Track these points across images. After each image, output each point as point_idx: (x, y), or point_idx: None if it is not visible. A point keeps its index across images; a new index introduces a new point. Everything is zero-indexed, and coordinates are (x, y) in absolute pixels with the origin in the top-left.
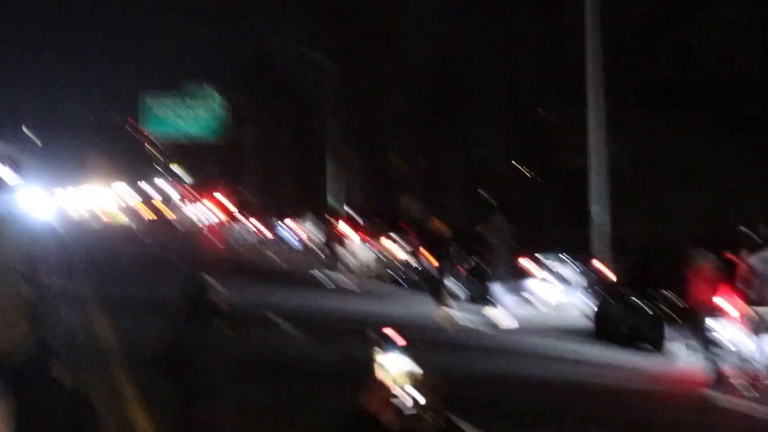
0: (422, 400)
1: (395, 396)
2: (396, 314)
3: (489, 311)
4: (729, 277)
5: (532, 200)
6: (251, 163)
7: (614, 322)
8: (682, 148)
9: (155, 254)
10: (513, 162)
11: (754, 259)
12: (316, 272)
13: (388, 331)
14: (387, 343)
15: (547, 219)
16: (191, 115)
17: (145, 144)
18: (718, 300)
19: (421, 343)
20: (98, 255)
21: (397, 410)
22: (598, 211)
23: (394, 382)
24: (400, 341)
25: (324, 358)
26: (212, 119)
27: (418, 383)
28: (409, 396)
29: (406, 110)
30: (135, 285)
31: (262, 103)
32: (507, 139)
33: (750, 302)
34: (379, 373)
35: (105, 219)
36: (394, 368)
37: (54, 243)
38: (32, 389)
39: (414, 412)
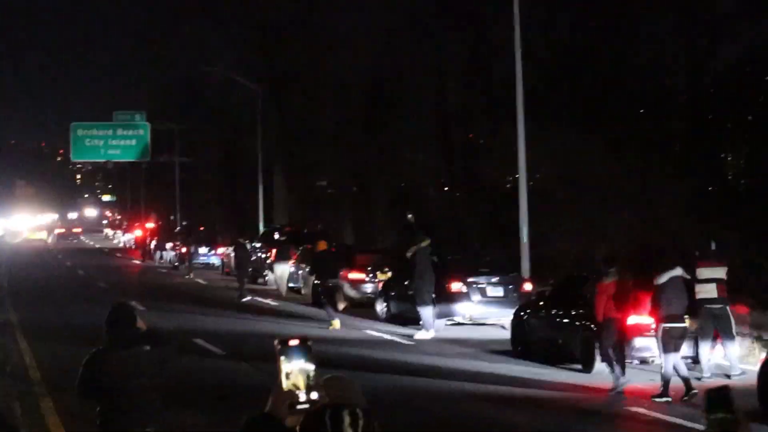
0: (314, 395)
1: (293, 395)
2: (314, 333)
3: (417, 333)
4: (643, 294)
5: (461, 219)
6: (181, 188)
7: (532, 339)
8: (609, 167)
9: (79, 278)
10: (442, 182)
11: (664, 278)
12: (245, 296)
13: (286, 337)
14: (285, 348)
15: (477, 238)
16: (122, 144)
17: (77, 174)
18: (633, 317)
19: (313, 341)
20: (22, 280)
21: (293, 407)
22: (526, 230)
23: (290, 381)
24: (294, 342)
25: (251, 381)
26: (142, 146)
27: (310, 379)
28: (303, 393)
29: (336, 131)
30: (60, 310)
31: (192, 128)
32: (436, 159)
33: (662, 319)
34: (279, 377)
35: (30, 242)
36: (289, 368)
37: None
38: None
39: (307, 406)
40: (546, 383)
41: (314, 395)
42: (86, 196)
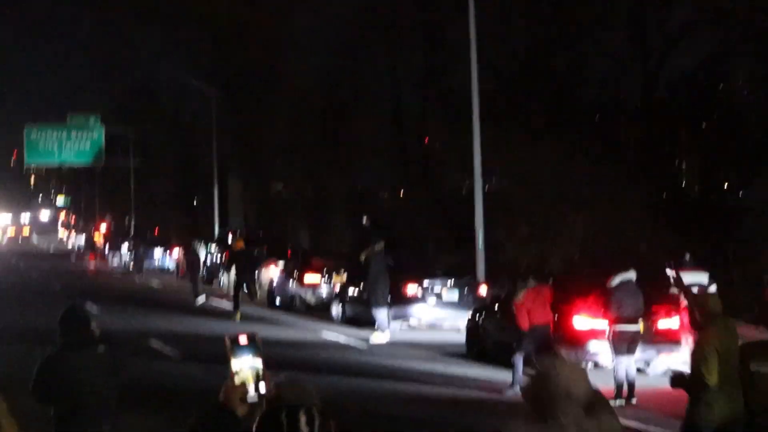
0: (263, 389)
1: (243, 388)
2: (271, 335)
3: (372, 334)
4: (589, 298)
5: (417, 224)
6: (136, 192)
7: (487, 342)
8: (564, 173)
9: (32, 280)
10: (398, 186)
11: (616, 280)
12: (199, 298)
13: (235, 335)
14: (235, 345)
15: (433, 242)
16: (76, 147)
17: (31, 176)
18: (584, 320)
19: (261, 339)
20: None
21: (244, 400)
22: (481, 235)
23: (239, 376)
24: (243, 340)
25: (205, 384)
26: (96, 150)
27: (259, 373)
28: (252, 386)
29: (292, 136)
30: (13, 311)
31: (147, 131)
32: (392, 165)
33: (613, 321)
34: (231, 372)
35: None
36: (239, 365)
37: None
38: None
39: (256, 400)
40: (499, 385)
41: (262, 388)
42: (40, 200)
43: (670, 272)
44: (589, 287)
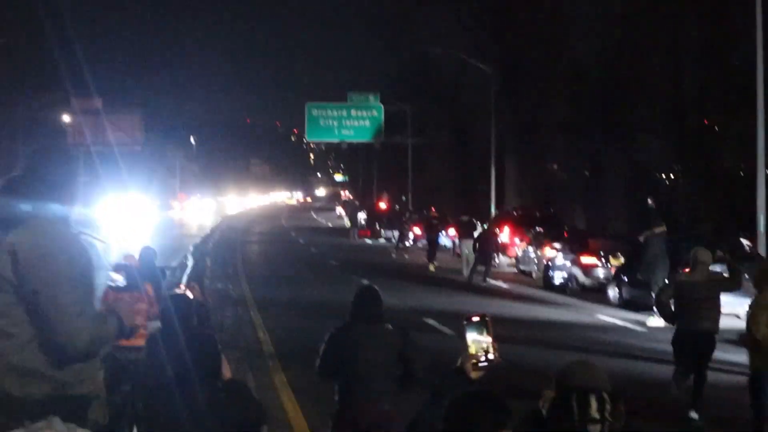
0: (491, 356)
1: (476, 357)
2: (547, 317)
3: (650, 318)
4: None
5: (696, 207)
6: (413, 170)
7: None
8: None
9: (312, 256)
10: (675, 168)
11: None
12: (478, 278)
13: (469, 314)
14: (469, 323)
15: (713, 226)
16: (355, 124)
17: (310, 154)
18: None
19: (491, 319)
20: (256, 256)
21: (476, 367)
22: (763, 218)
23: (471, 347)
24: (476, 319)
25: None
26: (376, 127)
27: (487, 348)
28: (483, 355)
29: (569, 115)
30: (292, 287)
31: (425, 110)
32: (670, 145)
33: None
34: (465, 344)
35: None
36: (471, 338)
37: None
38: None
39: (486, 364)
40: None
41: (491, 356)
42: (319, 175)
43: None
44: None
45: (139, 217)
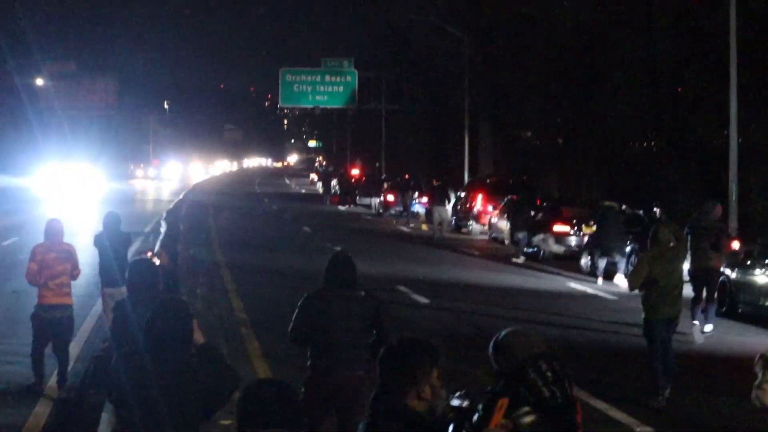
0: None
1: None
2: (519, 285)
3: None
4: None
5: (666, 175)
6: (387, 137)
7: (735, 298)
8: None
9: (285, 222)
10: (648, 136)
11: None
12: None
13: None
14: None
15: (682, 196)
16: (329, 90)
17: (284, 120)
18: None
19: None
20: (229, 222)
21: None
22: (735, 188)
23: None
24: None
25: (455, 330)
26: (349, 93)
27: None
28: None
29: (543, 83)
30: (265, 254)
31: (398, 77)
32: (643, 113)
33: None
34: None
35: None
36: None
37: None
38: (177, 352)
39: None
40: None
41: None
42: (292, 141)
43: None
44: None
45: (87, 187)
